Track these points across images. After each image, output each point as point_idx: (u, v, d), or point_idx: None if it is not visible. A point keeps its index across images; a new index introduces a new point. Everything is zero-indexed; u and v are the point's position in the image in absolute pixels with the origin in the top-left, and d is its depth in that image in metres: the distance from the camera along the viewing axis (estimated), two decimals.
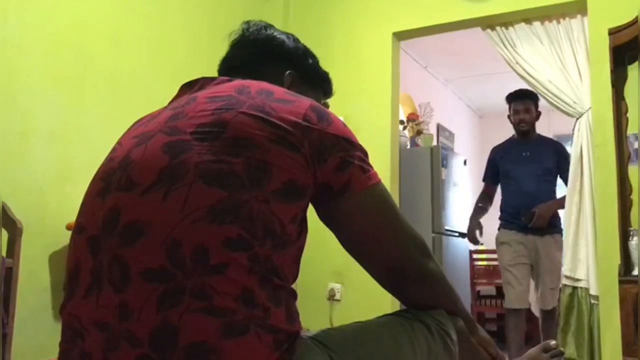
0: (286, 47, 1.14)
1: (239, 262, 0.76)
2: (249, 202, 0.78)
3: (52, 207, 2.39)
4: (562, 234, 3.33)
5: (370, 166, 0.93)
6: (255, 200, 0.79)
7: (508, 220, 3.60)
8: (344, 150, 0.89)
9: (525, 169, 3.57)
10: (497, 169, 3.77)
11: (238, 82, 0.94)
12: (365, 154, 0.93)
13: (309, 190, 0.86)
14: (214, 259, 0.75)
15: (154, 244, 0.76)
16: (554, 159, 3.58)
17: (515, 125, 3.67)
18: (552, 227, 3.49)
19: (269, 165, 0.81)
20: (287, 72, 1.11)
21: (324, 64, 1.23)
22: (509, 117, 3.73)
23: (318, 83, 1.19)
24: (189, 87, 1.01)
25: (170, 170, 0.80)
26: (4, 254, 2.04)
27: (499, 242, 3.61)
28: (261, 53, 1.12)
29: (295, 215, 0.84)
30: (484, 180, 3.93)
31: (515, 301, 3.42)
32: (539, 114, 3.67)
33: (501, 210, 3.68)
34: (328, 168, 0.87)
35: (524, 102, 3.62)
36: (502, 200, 3.72)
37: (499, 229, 3.66)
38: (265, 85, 0.93)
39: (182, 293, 0.73)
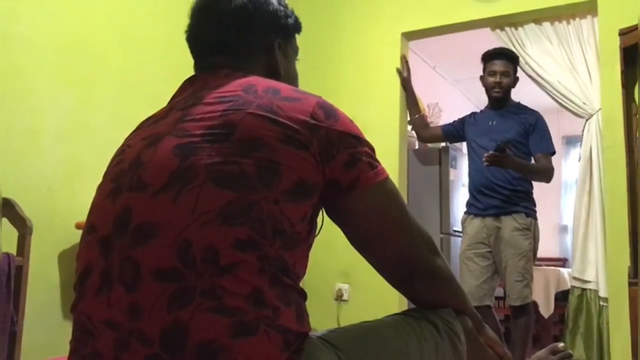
0: (267, 14, 1.06)
1: (249, 262, 0.76)
2: (259, 203, 0.79)
3: (62, 206, 2.41)
4: (527, 215, 3.00)
5: (378, 162, 0.93)
6: (265, 201, 0.79)
7: (468, 203, 3.25)
8: (352, 147, 0.89)
9: (487, 141, 3.11)
10: (460, 129, 3.38)
11: (244, 80, 0.93)
12: (372, 149, 0.93)
13: (319, 188, 0.86)
14: (224, 260, 0.75)
15: (165, 244, 0.77)
16: (520, 128, 3.07)
17: (489, 90, 3.18)
18: (511, 204, 3.02)
19: (279, 165, 0.81)
20: (276, 41, 1.06)
21: (334, 64, 1.23)
22: (481, 78, 3.24)
23: (295, 34, 1.14)
24: (190, 84, 1.01)
25: (180, 172, 0.81)
26: (14, 252, 2.06)
27: (462, 229, 3.29)
28: (244, 28, 1.04)
29: (305, 214, 0.85)
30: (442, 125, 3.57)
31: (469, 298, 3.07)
32: (516, 79, 3.19)
33: None
34: (336, 165, 0.87)
35: (503, 62, 3.13)
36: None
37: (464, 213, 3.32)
38: (271, 82, 0.93)
39: (192, 293, 0.74)
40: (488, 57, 3.21)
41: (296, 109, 0.87)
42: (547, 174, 3.09)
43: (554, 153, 3.11)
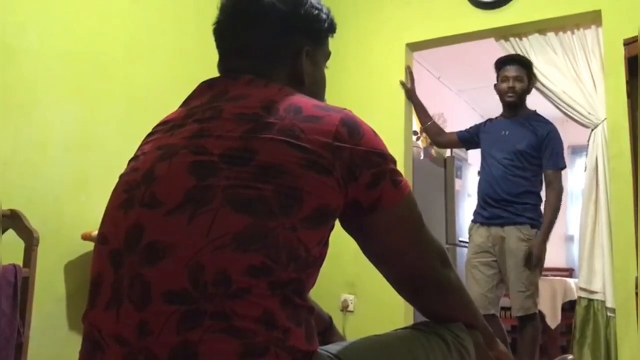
0: (297, 17, 0.99)
1: (260, 288, 0.75)
2: (275, 230, 0.77)
3: (68, 217, 2.41)
4: (532, 226, 2.99)
5: (401, 176, 0.92)
6: (282, 228, 0.78)
7: (475, 212, 3.26)
8: (376, 166, 0.88)
9: (498, 151, 3.13)
10: (475, 136, 3.38)
11: (265, 94, 0.91)
12: (395, 163, 0.92)
13: (339, 211, 0.86)
14: (236, 285, 0.75)
15: (177, 266, 0.76)
16: (530, 140, 3.05)
17: (502, 96, 3.18)
18: (517, 215, 3.02)
19: (300, 192, 0.80)
20: (305, 48, 1.00)
21: (338, 75, 1.21)
22: (495, 86, 3.25)
23: (327, 37, 1.07)
24: (209, 88, 0.97)
25: (197, 193, 0.79)
26: (21, 263, 2.06)
27: (469, 237, 3.29)
28: (271, 31, 0.98)
29: (322, 239, 0.84)
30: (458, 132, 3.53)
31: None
32: (531, 84, 3.21)
33: None
34: (359, 186, 0.86)
35: (516, 68, 3.15)
36: None
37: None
38: (294, 100, 0.90)
39: (203, 316, 0.73)
40: (501, 64, 3.22)
41: (319, 131, 0.84)
42: (559, 204, 3.04)
43: (564, 167, 3.10)
